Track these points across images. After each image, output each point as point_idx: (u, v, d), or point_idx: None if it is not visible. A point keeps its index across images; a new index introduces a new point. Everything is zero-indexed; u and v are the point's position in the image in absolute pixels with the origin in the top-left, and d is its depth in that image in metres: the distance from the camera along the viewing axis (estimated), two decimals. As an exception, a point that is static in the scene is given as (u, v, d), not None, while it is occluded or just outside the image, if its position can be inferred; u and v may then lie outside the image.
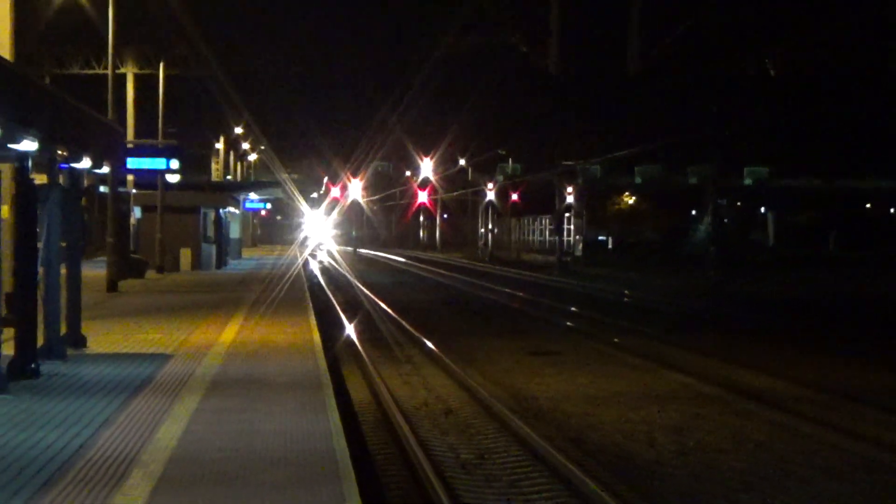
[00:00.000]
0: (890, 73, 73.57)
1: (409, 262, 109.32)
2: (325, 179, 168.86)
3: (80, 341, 28.69)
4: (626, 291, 63.41)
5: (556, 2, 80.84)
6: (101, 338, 30.62)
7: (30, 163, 23.82)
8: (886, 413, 24.65)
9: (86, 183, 35.47)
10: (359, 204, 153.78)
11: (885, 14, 70.99)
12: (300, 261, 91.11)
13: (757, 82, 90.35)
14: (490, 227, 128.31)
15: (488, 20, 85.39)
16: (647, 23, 76.26)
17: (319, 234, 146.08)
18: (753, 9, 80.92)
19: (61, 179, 27.37)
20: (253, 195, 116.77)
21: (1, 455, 15.86)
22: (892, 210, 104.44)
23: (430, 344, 36.21)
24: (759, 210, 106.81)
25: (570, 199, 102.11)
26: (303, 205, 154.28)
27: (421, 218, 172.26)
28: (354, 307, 51.05)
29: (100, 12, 60.35)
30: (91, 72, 77.66)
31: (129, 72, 76.56)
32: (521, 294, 62.26)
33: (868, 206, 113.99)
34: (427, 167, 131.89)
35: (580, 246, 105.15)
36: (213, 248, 76.62)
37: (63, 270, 27.68)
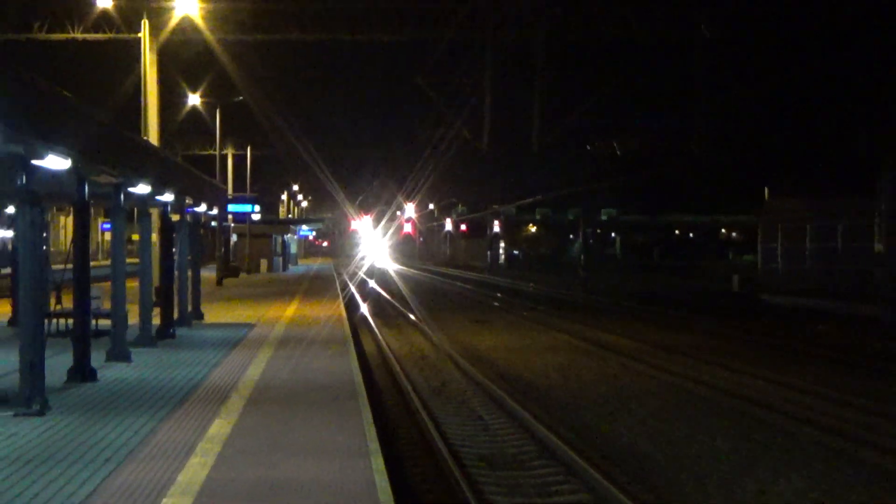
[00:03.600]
0: (692, 151, 73.91)
1: (398, 267, 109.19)
2: (349, 217, 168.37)
3: (199, 316, 28.73)
4: (530, 285, 63.48)
5: (488, 107, 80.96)
6: (213, 313, 30.60)
7: (169, 207, 23.92)
8: (685, 357, 24.81)
9: (202, 219, 35.46)
10: (372, 232, 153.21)
11: (688, 112, 71.44)
12: (332, 265, 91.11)
13: (608, 157, 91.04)
14: (449, 245, 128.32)
15: (447, 118, 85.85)
16: (543, 117, 76.82)
17: (361, 251, 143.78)
18: (604, 111, 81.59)
19: (188, 218, 27.46)
20: (304, 227, 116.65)
21: (152, 385, 15.94)
22: (691, 234, 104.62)
23: (411, 316, 36.32)
24: (611, 235, 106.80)
25: (497, 228, 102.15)
26: (335, 233, 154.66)
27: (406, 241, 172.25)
28: (362, 289, 51.08)
29: (210, 116, 60.33)
30: (206, 152, 77.30)
31: (229, 152, 76.43)
32: (467, 286, 62.27)
33: (677, 231, 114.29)
34: (410, 209, 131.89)
35: (503, 257, 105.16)
36: (280, 259, 76.91)
37: (189, 273, 27.76)
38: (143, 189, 19.50)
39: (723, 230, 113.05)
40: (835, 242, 43.09)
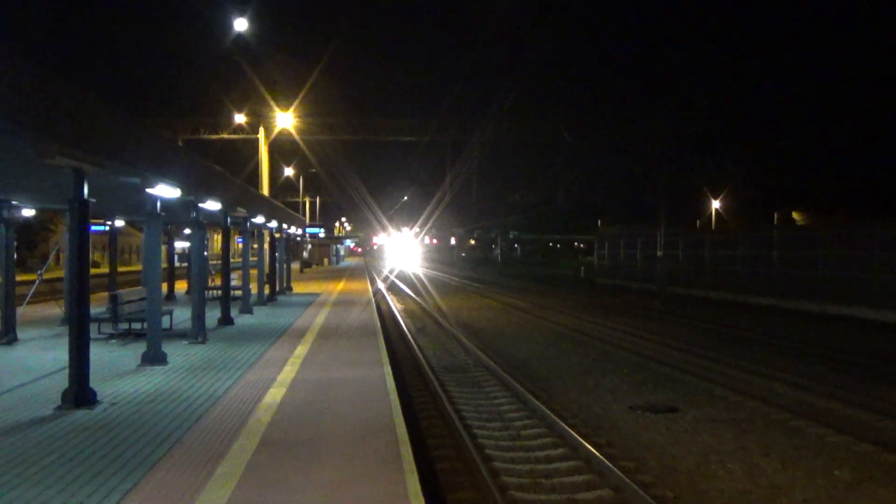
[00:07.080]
0: (558, 201, 74.15)
1: (400, 264, 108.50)
2: (372, 234, 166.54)
3: (290, 289, 28.35)
4: (473, 273, 63.29)
5: (449, 176, 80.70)
6: (297, 287, 30.21)
7: (274, 230, 23.68)
8: (554, 311, 24.69)
9: (292, 236, 35.23)
10: (390, 245, 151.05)
11: (556, 179, 71.73)
12: (363, 262, 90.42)
13: (515, 203, 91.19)
14: (427, 252, 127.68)
15: (427, 182, 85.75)
16: (479, 181, 77.11)
17: (391, 257, 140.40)
18: (511, 178, 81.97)
19: (284, 235, 27.17)
20: (348, 240, 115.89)
21: (264, 327, 15.72)
22: (558, 245, 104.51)
23: (408, 291, 36.05)
24: (515, 245, 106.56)
25: (453, 242, 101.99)
26: (365, 244, 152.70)
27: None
28: (381, 275, 50.59)
29: (297, 180, 59.82)
30: (295, 199, 76.48)
31: (307, 200, 75.65)
32: (439, 274, 61.98)
33: (551, 243, 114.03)
34: (406, 231, 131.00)
35: (458, 257, 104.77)
36: (335, 258, 76.28)
37: (284, 266, 27.48)
38: (259, 220, 19.39)
39: (575, 243, 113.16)
40: (636, 250, 43.39)
